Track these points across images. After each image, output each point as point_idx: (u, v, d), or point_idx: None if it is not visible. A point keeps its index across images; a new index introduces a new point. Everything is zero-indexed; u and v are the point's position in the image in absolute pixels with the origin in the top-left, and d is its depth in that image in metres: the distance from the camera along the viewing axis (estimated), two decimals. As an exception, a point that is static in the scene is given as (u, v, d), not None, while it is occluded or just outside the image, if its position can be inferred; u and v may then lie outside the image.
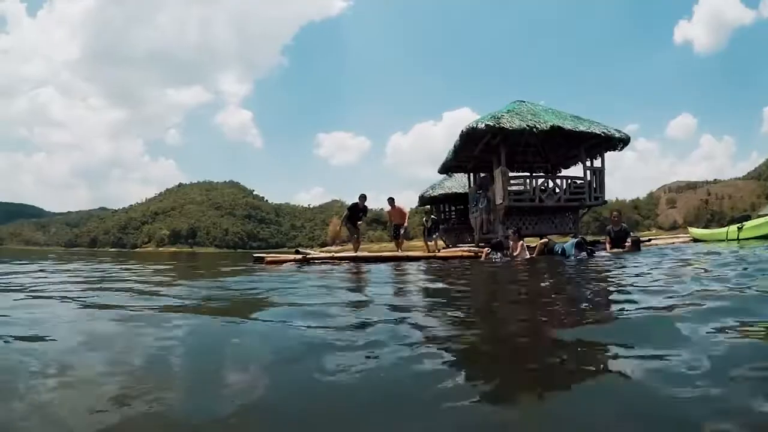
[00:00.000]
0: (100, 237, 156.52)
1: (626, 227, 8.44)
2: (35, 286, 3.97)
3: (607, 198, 10.80)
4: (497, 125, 9.51)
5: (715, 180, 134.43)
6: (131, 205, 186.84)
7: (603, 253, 7.63)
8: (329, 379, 1.26)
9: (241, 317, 2.29)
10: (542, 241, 8.27)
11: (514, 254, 7.91)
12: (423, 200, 18.12)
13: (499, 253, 8.07)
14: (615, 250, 7.95)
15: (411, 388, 1.20)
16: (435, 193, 17.46)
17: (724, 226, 10.66)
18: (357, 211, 10.57)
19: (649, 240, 11.10)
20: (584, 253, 7.24)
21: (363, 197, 10.60)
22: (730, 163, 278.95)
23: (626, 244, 7.94)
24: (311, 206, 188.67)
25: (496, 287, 4.19)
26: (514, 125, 9.55)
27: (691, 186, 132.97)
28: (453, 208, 18.10)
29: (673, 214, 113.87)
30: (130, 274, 5.99)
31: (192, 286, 4.18)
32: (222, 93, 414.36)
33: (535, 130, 9.63)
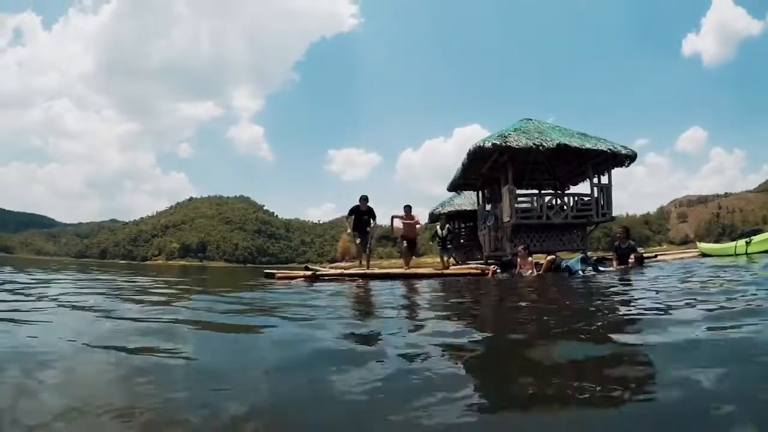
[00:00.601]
0: (110, 249, 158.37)
1: (633, 244, 8.55)
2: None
3: (617, 213, 10.88)
4: (504, 144, 9.66)
5: (725, 193, 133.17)
6: (142, 218, 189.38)
7: (609, 269, 7.82)
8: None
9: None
10: (549, 258, 8.34)
11: (522, 271, 7.99)
12: (433, 217, 18.25)
13: (507, 273, 8.16)
14: (621, 266, 8.08)
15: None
16: (445, 210, 17.57)
17: (734, 240, 10.63)
18: (360, 215, 9.63)
19: (656, 256, 11.10)
20: (590, 268, 7.41)
21: (364, 198, 9.67)
22: (740, 176, 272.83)
23: (630, 260, 8.09)
24: (321, 222, 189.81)
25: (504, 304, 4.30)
26: (520, 143, 9.70)
27: (702, 200, 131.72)
28: (463, 225, 18.22)
29: (684, 228, 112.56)
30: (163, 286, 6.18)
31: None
32: (234, 108, 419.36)
33: (541, 148, 9.76)
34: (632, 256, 8.10)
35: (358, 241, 9.87)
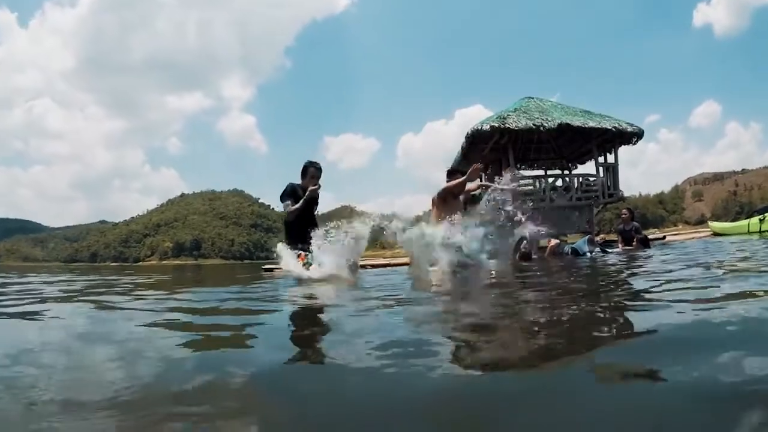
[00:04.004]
0: (100, 251, 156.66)
1: (637, 225, 8.66)
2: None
3: (629, 194, 10.64)
4: (503, 125, 9.27)
5: (742, 170, 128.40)
6: (132, 218, 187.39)
7: (616, 250, 7.79)
8: None
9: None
10: (553, 243, 8.00)
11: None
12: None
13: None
14: (627, 248, 8.09)
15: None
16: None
17: (748, 218, 10.37)
18: (312, 203, 5.41)
19: (664, 237, 10.82)
20: (597, 249, 7.28)
21: (317, 169, 5.37)
22: (757, 151, 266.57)
23: (634, 243, 8.12)
24: (320, 213, 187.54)
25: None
26: (520, 125, 9.31)
27: (718, 177, 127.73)
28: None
29: (700, 207, 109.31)
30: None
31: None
32: (223, 98, 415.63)
33: (542, 128, 9.38)
34: (635, 239, 8.04)
35: (307, 263, 4.57)
